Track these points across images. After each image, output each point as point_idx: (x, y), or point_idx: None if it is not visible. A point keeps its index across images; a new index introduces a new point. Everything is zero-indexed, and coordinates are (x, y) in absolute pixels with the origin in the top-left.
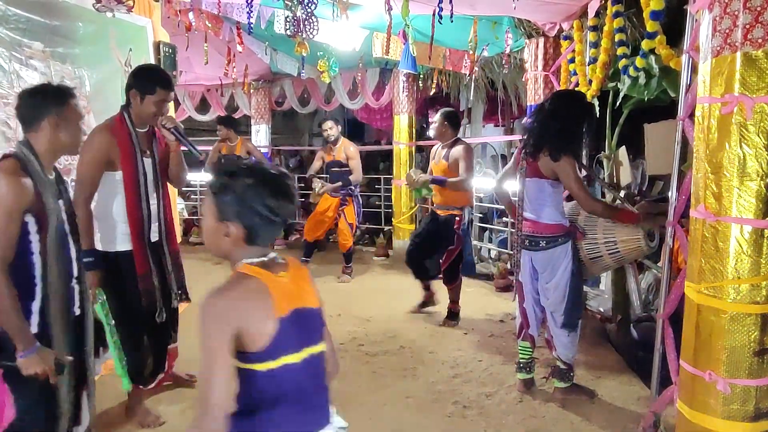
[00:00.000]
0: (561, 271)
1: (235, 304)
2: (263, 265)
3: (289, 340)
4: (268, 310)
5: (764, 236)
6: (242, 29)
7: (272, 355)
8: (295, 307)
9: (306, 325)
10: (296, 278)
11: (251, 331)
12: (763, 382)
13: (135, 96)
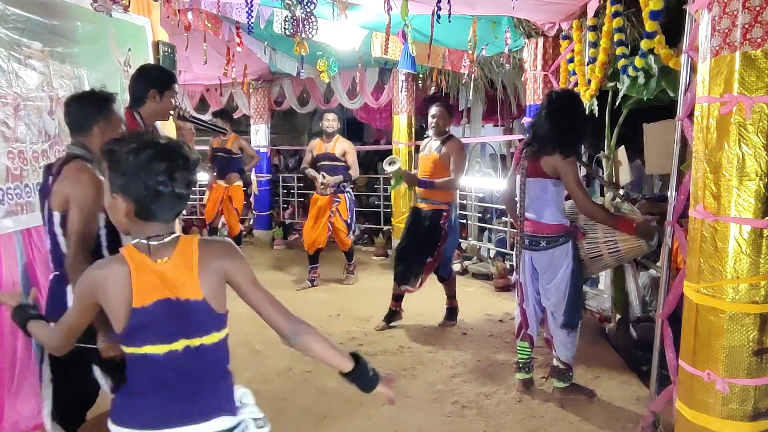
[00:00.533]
0: (562, 272)
1: (95, 281)
2: (145, 248)
3: (149, 330)
4: (125, 297)
5: (763, 236)
6: (241, 29)
7: (132, 342)
8: (161, 297)
9: (180, 316)
10: (178, 266)
11: (109, 312)
12: (762, 382)
13: (155, 95)
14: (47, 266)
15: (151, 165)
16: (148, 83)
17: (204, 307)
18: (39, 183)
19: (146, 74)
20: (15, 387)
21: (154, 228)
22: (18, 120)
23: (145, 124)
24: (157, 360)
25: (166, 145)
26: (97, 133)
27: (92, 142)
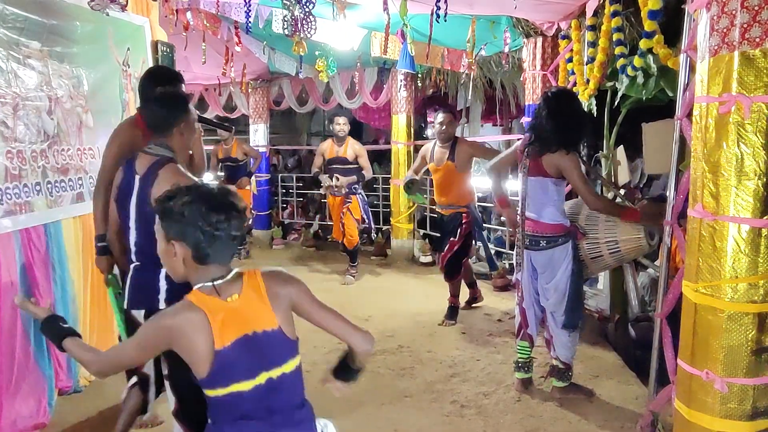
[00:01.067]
0: (561, 272)
1: (172, 330)
2: (212, 291)
3: (235, 369)
4: (206, 342)
5: (762, 235)
6: (240, 28)
7: (217, 383)
8: (241, 334)
9: (259, 349)
10: (248, 299)
11: (191, 359)
12: (761, 381)
13: None
14: (46, 266)
15: (206, 213)
16: (157, 82)
17: (280, 335)
18: (38, 183)
19: (155, 74)
20: (13, 387)
21: (212, 271)
22: (17, 120)
23: None
24: (243, 397)
25: (217, 193)
26: (177, 133)
27: (173, 142)
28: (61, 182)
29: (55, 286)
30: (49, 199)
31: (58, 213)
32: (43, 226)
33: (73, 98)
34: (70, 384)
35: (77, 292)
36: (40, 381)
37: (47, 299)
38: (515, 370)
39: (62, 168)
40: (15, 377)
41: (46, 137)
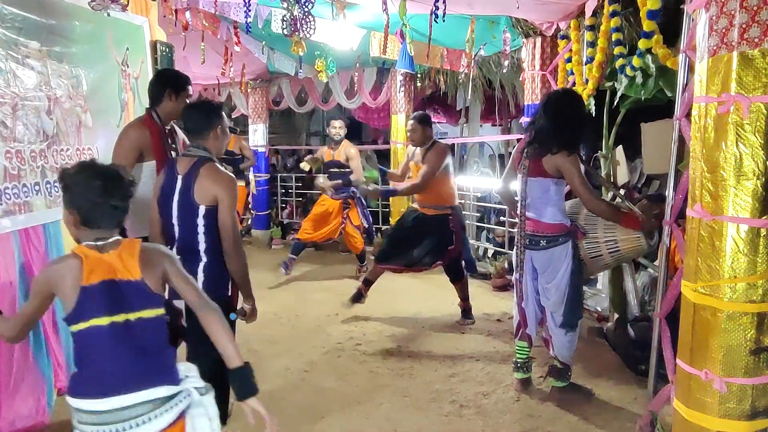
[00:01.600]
0: (562, 272)
1: (50, 273)
2: (95, 247)
3: (96, 305)
4: (77, 279)
5: (760, 235)
6: (239, 28)
7: (79, 317)
8: (106, 278)
9: (119, 293)
10: (121, 256)
11: (62, 295)
12: (759, 381)
13: (171, 95)
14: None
15: (89, 184)
16: (165, 84)
17: (141, 286)
18: (37, 183)
19: (164, 76)
20: (12, 387)
21: (97, 234)
22: (16, 120)
23: (162, 123)
24: (102, 332)
25: (105, 172)
26: (212, 137)
27: (209, 143)
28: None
29: None
30: (48, 199)
31: (57, 213)
32: (42, 226)
33: (72, 98)
34: None
35: None
36: (39, 381)
37: None
38: (514, 370)
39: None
40: (14, 377)
41: (45, 137)
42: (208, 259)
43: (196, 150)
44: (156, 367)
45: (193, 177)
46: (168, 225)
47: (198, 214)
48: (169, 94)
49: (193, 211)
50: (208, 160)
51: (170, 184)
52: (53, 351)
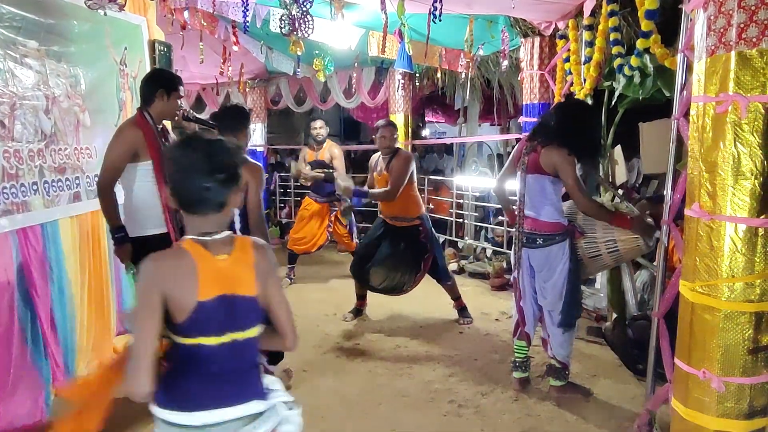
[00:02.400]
0: (558, 270)
1: (164, 271)
2: (204, 244)
3: (207, 323)
4: (192, 289)
5: (758, 235)
6: (238, 28)
7: (188, 332)
8: (222, 292)
9: (233, 311)
10: (237, 263)
11: (173, 302)
12: (757, 380)
13: (162, 95)
14: (43, 266)
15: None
16: (157, 84)
17: (254, 303)
18: (35, 182)
19: (155, 76)
20: (10, 386)
21: (201, 222)
22: (14, 119)
23: (154, 123)
24: (207, 350)
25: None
26: (243, 135)
27: (241, 139)
28: (58, 182)
29: (53, 286)
30: (46, 199)
31: (55, 212)
32: (40, 226)
33: (71, 97)
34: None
35: (74, 292)
36: (38, 381)
37: (44, 299)
38: (513, 370)
39: (59, 167)
40: (12, 377)
41: (43, 136)
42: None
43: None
44: (248, 382)
45: None
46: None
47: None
48: (162, 94)
49: None
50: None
51: None
52: (51, 351)
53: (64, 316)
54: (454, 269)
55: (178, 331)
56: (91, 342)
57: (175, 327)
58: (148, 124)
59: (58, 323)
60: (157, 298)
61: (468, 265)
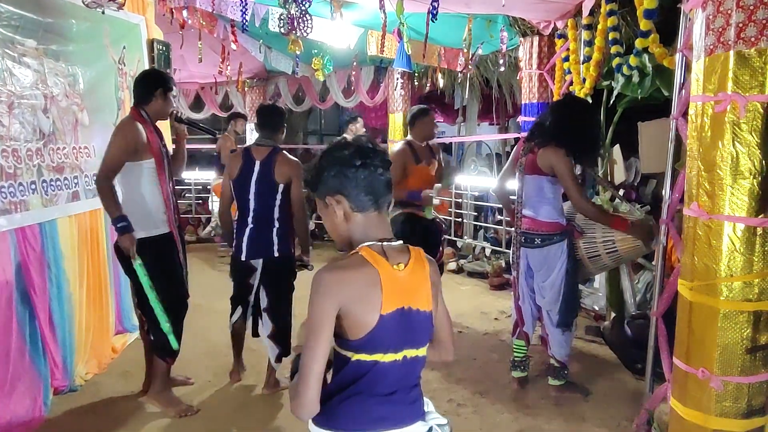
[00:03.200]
0: (557, 270)
1: (346, 283)
2: (381, 251)
3: (387, 337)
4: (375, 303)
5: (757, 234)
6: (236, 27)
7: (367, 348)
8: (402, 306)
9: (410, 326)
10: (414, 273)
11: (352, 317)
12: (756, 380)
13: (161, 94)
14: (42, 265)
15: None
16: (156, 84)
17: (429, 319)
18: (33, 181)
19: (153, 75)
20: (9, 386)
21: (376, 224)
22: (12, 118)
23: (152, 122)
24: (381, 368)
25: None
26: (280, 133)
27: (277, 138)
28: (56, 181)
29: (51, 285)
30: (44, 198)
31: (53, 212)
32: (38, 225)
33: (69, 96)
34: (66, 383)
35: (73, 291)
36: (36, 380)
37: (43, 298)
38: (512, 369)
39: (58, 166)
40: (10, 376)
41: (41, 135)
42: (279, 225)
43: (267, 141)
44: (415, 402)
45: (273, 162)
46: (244, 200)
47: (278, 191)
48: (160, 93)
49: (273, 188)
50: (280, 150)
51: (249, 168)
52: (50, 350)
53: (62, 315)
54: (453, 268)
55: (352, 347)
56: (90, 341)
57: (347, 342)
58: (147, 123)
59: (56, 322)
60: (333, 312)
61: (467, 264)
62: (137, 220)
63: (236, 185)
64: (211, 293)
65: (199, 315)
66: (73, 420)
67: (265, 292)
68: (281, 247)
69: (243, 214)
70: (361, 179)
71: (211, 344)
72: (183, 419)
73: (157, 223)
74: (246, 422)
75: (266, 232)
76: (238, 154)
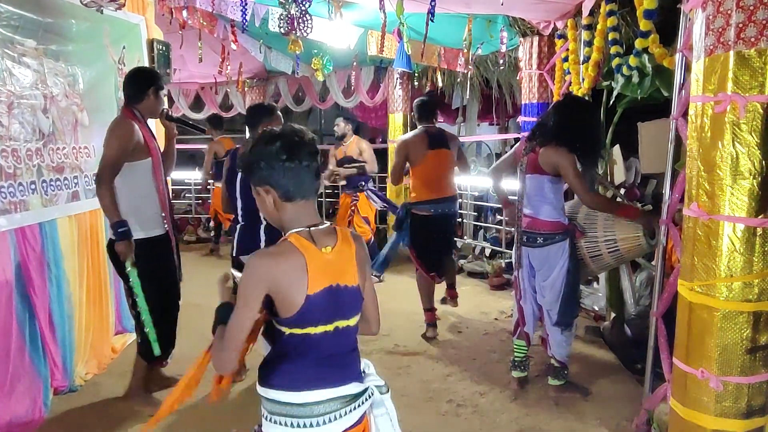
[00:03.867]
0: (557, 270)
1: (273, 268)
2: (309, 236)
3: (316, 314)
4: (301, 286)
5: (756, 234)
6: (236, 27)
7: (297, 324)
8: (329, 284)
9: (339, 301)
10: (341, 254)
11: (281, 298)
12: (756, 380)
13: (153, 92)
14: (41, 265)
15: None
16: (148, 82)
17: (357, 292)
18: (33, 181)
19: (145, 73)
20: (8, 386)
21: (304, 211)
22: (11, 118)
23: (144, 120)
24: (313, 338)
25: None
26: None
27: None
28: (56, 181)
29: (51, 285)
30: (44, 198)
31: (53, 212)
32: (38, 225)
33: (69, 96)
34: (66, 383)
35: (73, 291)
36: (36, 380)
37: (42, 298)
38: (512, 369)
39: (57, 166)
40: (10, 376)
41: (41, 136)
42: (267, 222)
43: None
44: (349, 366)
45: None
46: (233, 199)
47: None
48: (152, 92)
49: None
50: None
51: (235, 165)
52: (50, 350)
53: (62, 315)
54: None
55: (285, 323)
56: (90, 341)
57: (284, 321)
58: (141, 121)
59: (56, 322)
60: (261, 295)
61: (467, 264)
62: (134, 220)
63: (226, 185)
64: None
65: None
66: (73, 420)
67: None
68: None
69: (235, 212)
70: (287, 172)
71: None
72: (182, 419)
73: (153, 224)
74: (245, 421)
75: (255, 228)
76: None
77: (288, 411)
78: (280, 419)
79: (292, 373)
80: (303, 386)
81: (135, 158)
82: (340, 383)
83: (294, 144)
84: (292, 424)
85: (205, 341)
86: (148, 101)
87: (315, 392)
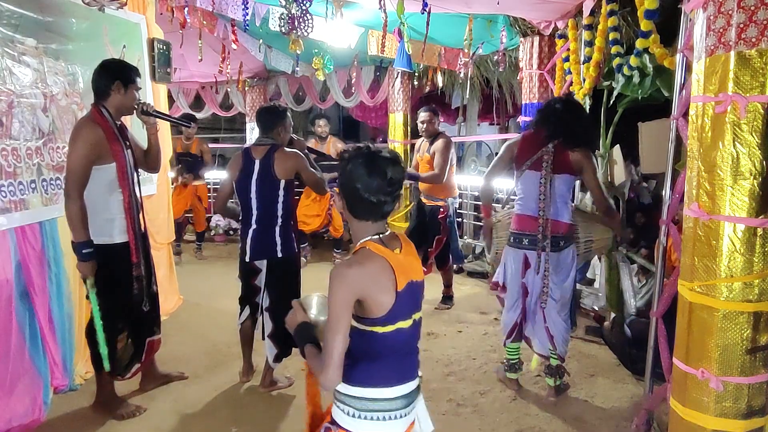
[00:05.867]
0: (573, 270)
1: (362, 275)
2: (381, 242)
3: (403, 308)
4: (390, 285)
5: (757, 235)
6: (237, 26)
7: (390, 321)
8: (409, 280)
9: (415, 295)
10: (408, 253)
11: (373, 301)
12: (756, 380)
13: (119, 87)
14: (42, 264)
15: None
16: (113, 76)
17: (423, 286)
18: (33, 180)
19: (109, 67)
20: (8, 385)
21: (372, 226)
22: (11, 117)
23: (113, 119)
24: (402, 332)
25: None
26: (278, 133)
27: (276, 136)
28: (56, 180)
29: (51, 284)
30: (44, 197)
31: (53, 210)
32: (38, 224)
33: (69, 95)
34: (66, 382)
35: (73, 290)
36: (36, 379)
37: (42, 297)
38: (507, 371)
39: (57, 165)
40: (10, 375)
41: (41, 134)
42: (281, 222)
43: (266, 139)
44: (417, 353)
45: (272, 159)
46: (246, 200)
47: (279, 187)
48: (119, 86)
49: (274, 185)
50: (279, 146)
51: (249, 167)
52: (50, 350)
53: (62, 314)
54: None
55: (381, 323)
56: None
57: (377, 320)
58: (107, 122)
59: (56, 321)
60: (352, 302)
61: (467, 264)
62: (95, 226)
63: (238, 186)
64: (210, 293)
65: (199, 314)
66: (73, 419)
67: (267, 292)
68: (284, 248)
69: (246, 215)
70: (374, 206)
71: (210, 343)
72: (182, 418)
73: (113, 232)
74: (245, 421)
75: (270, 231)
76: (239, 155)
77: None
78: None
79: (386, 370)
80: (398, 381)
81: (98, 162)
82: (417, 375)
83: (390, 182)
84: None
85: (205, 341)
86: (115, 97)
87: (406, 385)
